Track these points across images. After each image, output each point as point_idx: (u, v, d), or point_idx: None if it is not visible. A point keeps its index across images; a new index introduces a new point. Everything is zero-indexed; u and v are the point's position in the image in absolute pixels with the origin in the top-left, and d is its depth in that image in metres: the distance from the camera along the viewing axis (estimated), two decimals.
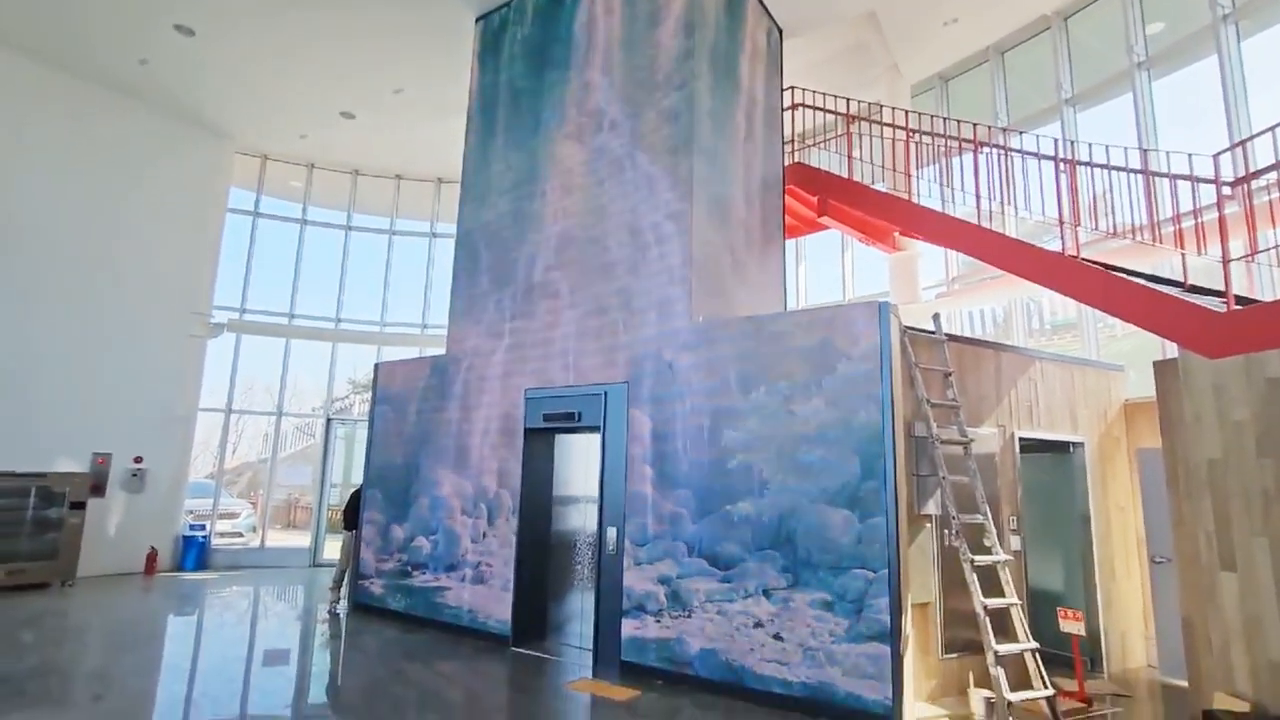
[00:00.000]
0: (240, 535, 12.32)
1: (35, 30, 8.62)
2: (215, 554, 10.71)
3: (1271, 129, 4.35)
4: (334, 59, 9.16)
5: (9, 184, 8.96)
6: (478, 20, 8.20)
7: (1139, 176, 5.32)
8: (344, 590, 7.75)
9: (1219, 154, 4.62)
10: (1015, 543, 5.54)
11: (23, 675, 4.95)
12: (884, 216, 7.39)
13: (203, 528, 10.67)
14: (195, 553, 10.27)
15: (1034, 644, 4.61)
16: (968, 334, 9.14)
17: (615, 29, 6.80)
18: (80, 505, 8.68)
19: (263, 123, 10.99)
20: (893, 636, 4.29)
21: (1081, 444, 6.13)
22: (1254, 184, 4.68)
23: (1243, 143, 5.22)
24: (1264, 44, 6.33)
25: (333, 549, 10.05)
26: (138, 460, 9.78)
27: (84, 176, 9.62)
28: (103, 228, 9.74)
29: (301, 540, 11.84)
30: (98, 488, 9.25)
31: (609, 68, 6.73)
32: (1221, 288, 4.35)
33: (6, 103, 8.99)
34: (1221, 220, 4.46)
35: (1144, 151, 5.24)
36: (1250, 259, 4.66)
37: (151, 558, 9.74)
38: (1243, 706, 3.93)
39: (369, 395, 8.27)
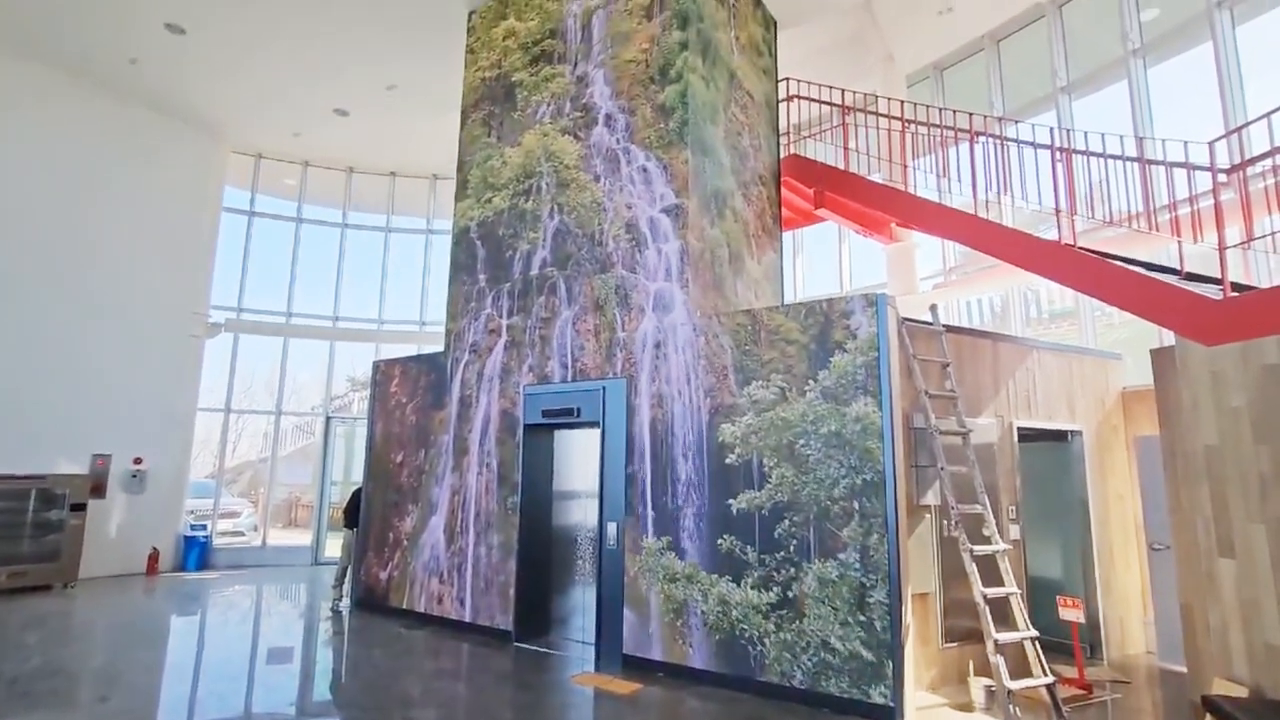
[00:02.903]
0: (242, 534, 12.34)
1: (24, 30, 8.57)
2: (217, 553, 10.73)
3: (1267, 115, 4.34)
4: (326, 55, 9.12)
5: (2, 186, 8.92)
6: (470, 14, 8.15)
7: (1135, 165, 5.31)
8: (346, 588, 7.78)
9: (1214, 141, 4.62)
10: (1014, 532, 5.57)
11: (28, 676, 4.96)
12: (880, 208, 7.38)
13: (204, 527, 10.68)
14: (197, 553, 10.28)
15: (1034, 632, 4.64)
16: (965, 323, 9.15)
17: (609, 22, 6.77)
18: (81, 507, 8.69)
19: (256, 120, 10.94)
20: (893, 627, 4.31)
21: (1079, 433, 6.15)
22: (1249, 171, 4.67)
23: (1238, 129, 5.21)
24: (1259, 29, 6.31)
25: (334, 547, 10.07)
26: (138, 461, 9.78)
27: (77, 178, 9.58)
28: (97, 228, 9.70)
29: (303, 539, 11.86)
30: (98, 489, 9.26)
31: (603, 61, 6.71)
32: (1218, 275, 4.36)
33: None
34: (1217, 207, 4.46)
35: (1140, 140, 5.23)
36: (1246, 246, 4.66)
37: (153, 558, 9.75)
38: (1241, 691, 3.95)
39: (368, 393, 8.28)
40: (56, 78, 9.38)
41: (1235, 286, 4.53)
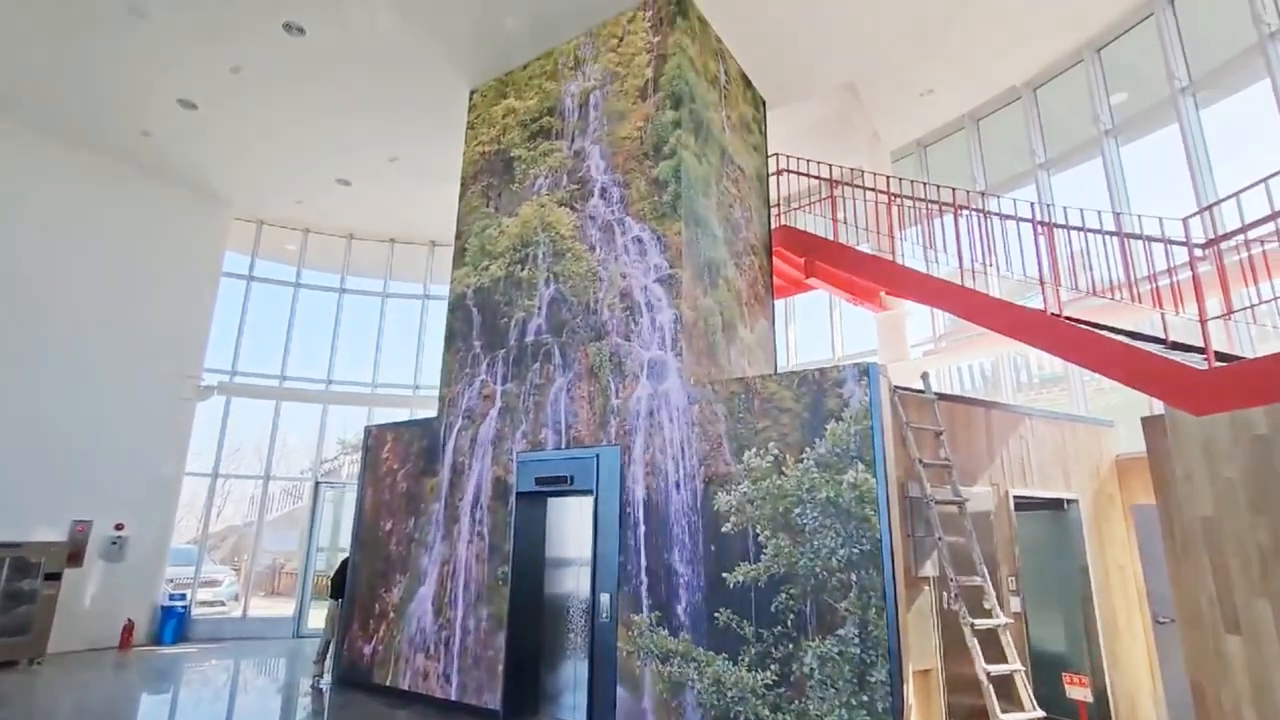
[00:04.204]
0: (222, 604, 11.94)
1: (42, 102, 8.87)
2: (195, 624, 10.34)
3: (1236, 195, 4.53)
4: (332, 129, 9.45)
5: (5, 247, 9.03)
6: (471, 92, 8.51)
7: (1114, 238, 5.49)
8: (328, 663, 7.48)
9: (1188, 217, 4.79)
10: (1015, 604, 5.45)
11: None
12: (869, 277, 7.55)
13: (183, 597, 10.34)
14: (174, 624, 9.91)
15: (1040, 712, 4.49)
16: (956, 389, 9.22)
17: (605, 101, 7.08)
18: (55, 576, 8.41)
19: (260, 189, 11.22)
20: (895, 707, 4.16)
21: (1076, 501, 6.11)
22: (1224, 245, 4.83)
23: (1210, 207, 5.42)
24: (1224, 112, 6.65)
25: (318, 618, 9.73)
26: (119, 527, 9.54)
27: (79, 241, 9.72)
28: (96, 291, 9.78)
29: (285, 609, 11.46)
30: (75, 557, 8.99)
31: (599, 137, 6.97)
32: (1201, 344, 4.44)
33: (7, 168, 9.15)
34: (1196, 280, 4.59)
35: (1117, 215, 5.42)
36: (1227, 318, 4.78)
37: (128, 631, 9.38)
38: None
39: (359, 456, 8.18)
40: (63, 147, 9.64)
41: (1220, 356, 4.61)
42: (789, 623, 4.67)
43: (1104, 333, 5.15)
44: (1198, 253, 4.74)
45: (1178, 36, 6.88)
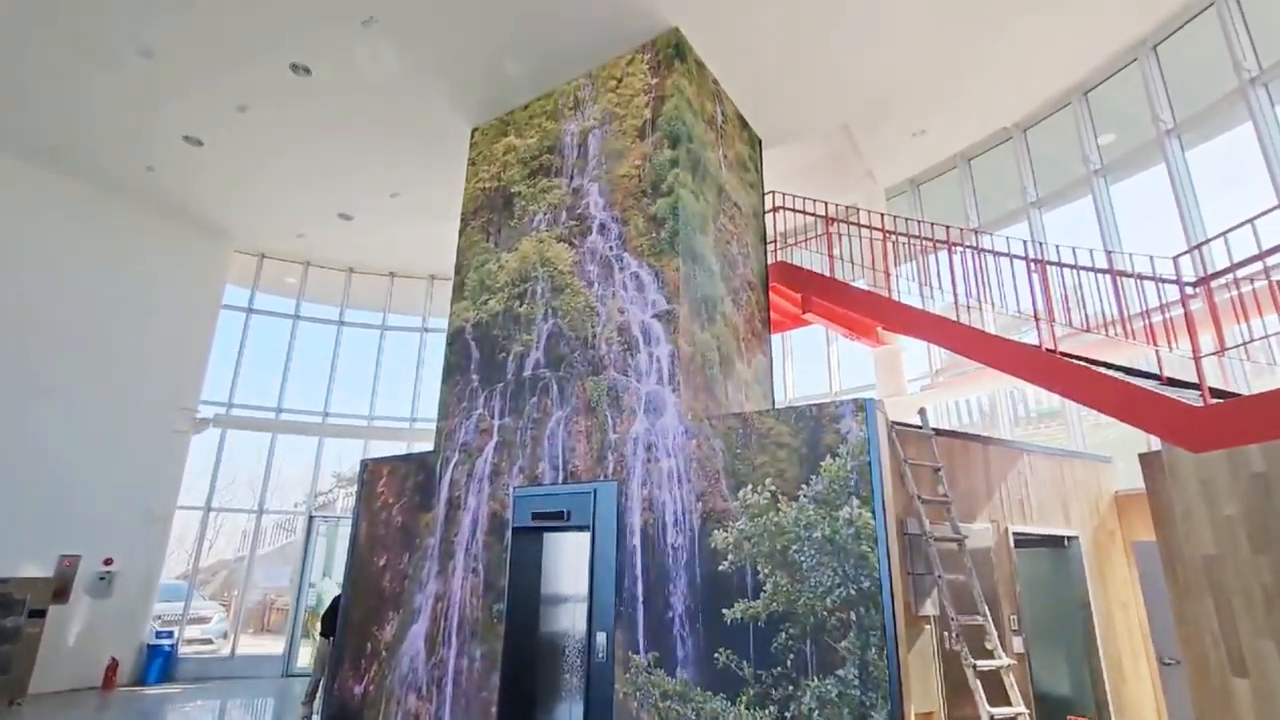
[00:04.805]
0: (210, 642, 11.68)
1: (47, 137, 9.02)
2: (182, 664, 10.12)
3: (1224, 234, 4.61)
4: (335, 165, 9.60)
5: (4, 278, 9.07)
6: (473, 131, 8.68)
7: (1107, 276, 5.56)
8: (318, 703, 7.30)
9: (1178, 256, 4.86)
10: (1018, 644, 5.37)
11: None
12: (865, 313, 7.60)
13: (170, 634, 10.13)
14: (160, 663, 9.69)
15: None
16: (954, 424, 9.22)
17: (604, 140, 7.22)
18: (40, 613, 8.25)
19: (262, 223, 11.34)
20: None
21: (1076, 538, 6.06)
22: (1215, 283, 4.90)
23: (1199, 246, 5.51)
24: (1210, 152, 6.81)
25: (308, 656, 9.52)
26: (107, 562, 9.39)
27: (79, 274, 9.79)
28: (94, 323, 9.81)
29: (275, 647, 11.23)
30: (61, 593, 8.83)
31: (598, 175, 7.09)
32: (1196, 380, 4.47)
33: (10, 202, 9.25)
34: (1188, 317, 4.64)
35: (1109, 253, 5.50)
36: (1220, 354, 4.81)
37: (111, 670, 9.17)
38: None
39: (353, 489, 8.11)
40: (64, 178, 9.75)
41: (1215, 392, 4.63)
42: (788, 662, 4.58)
43: (1099, 368, 5.17)
44: (1189, 290, 4.80)
45: (1161, 81, 7.08)
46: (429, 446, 7.56)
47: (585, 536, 5.93)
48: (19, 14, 6.97)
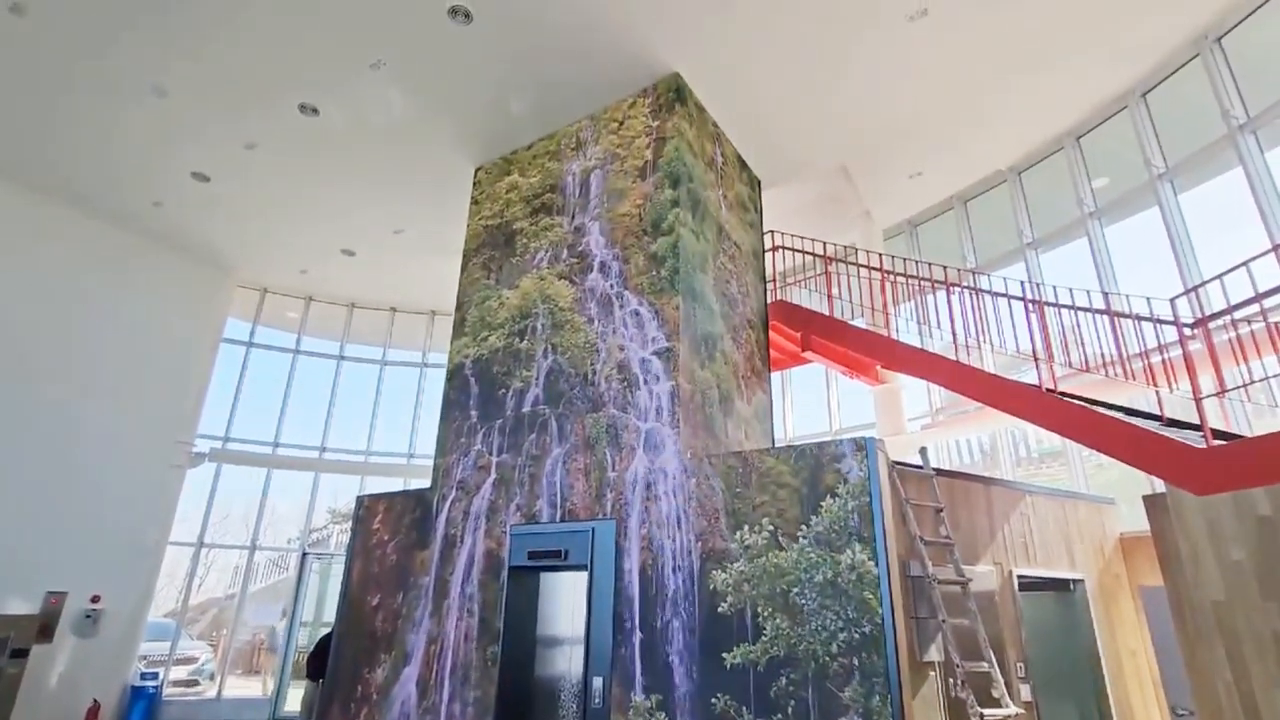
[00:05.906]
0: (196, 684, 11.38)
1: (59, 170, 9.16)
2: (166, 706, 9.84)
3: (1219, 277, 4.64)
4: (339, 202, 9.73)
5: (5, 310, 9.10)
6: (476, 169, 8.82)
7: (1105, 317, 5.59)
8: None
9: (1175, 298, 4.89)
10: (1025, 692, 5.23)
11: None
12: (864, 351, 7.62)
13: (155, 676, 9.86)
14: (143, 706, 9.42)
15: None
16: (955, 463, 9.15)
17: (606, 180, 7.33)
18: (23, 653, 8.04)
19: (265, 258, 11.44)
20: None
21: (1082, 581, 5.96)
22: (1213, 324, 4.91)
23: (1196, 288, 5.55)
24: (1203, 195, 6.91)
25: (296, 699, 9.26)
26: (95, 600, 9.20)
27: (81, 307, 9.81)
28: (93, 357, 9.80)
29: (263, 688, 10.94)
30: (46, 631, 8.61)
31: (599, 214, 7.18)
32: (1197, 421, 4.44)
33: (15, 232, 9.33)
34: (1188, 358, 4.64)
35: (1106, 295, 5.54)
36: (1221, 396, 4.80)
37: (92, 713, 8.89)
38: None
39: (348, 525, 8.00)
40: (69, 211, 9.82)
41: (1217, 434, 4.60)
42: (789, 709, 4.45)
43: (1099, 409, 5.16)
44: (1188, 332, 4.82)
45: (1151, 127, 7.23)
46: (426, 483, 7.48)
47: (583, 576, 5.82)
48: (45, 51, 7.14)
